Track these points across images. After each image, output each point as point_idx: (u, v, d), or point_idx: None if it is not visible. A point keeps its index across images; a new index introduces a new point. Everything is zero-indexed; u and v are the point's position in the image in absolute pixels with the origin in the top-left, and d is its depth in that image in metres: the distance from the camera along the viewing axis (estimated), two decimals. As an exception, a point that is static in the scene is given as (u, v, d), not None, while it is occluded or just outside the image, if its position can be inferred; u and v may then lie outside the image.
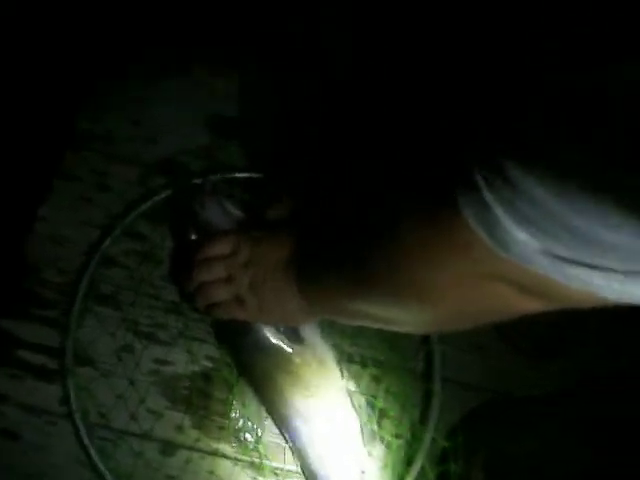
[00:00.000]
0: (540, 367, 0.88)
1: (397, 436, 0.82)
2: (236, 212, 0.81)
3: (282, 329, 0.77)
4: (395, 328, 0.72)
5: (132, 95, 0.89)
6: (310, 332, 0.79)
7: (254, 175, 0.87)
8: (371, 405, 0.81)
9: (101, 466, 0.75)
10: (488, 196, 0.43)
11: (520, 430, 0.85)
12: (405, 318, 0.65)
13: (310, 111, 0.89)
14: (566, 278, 0.42)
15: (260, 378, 0.79)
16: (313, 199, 0.79)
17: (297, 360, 0.77)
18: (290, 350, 0.77)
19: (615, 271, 0.40)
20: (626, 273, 0.40)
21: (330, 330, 0.81)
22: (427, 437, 0.82)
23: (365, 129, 0.84)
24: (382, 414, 0.81)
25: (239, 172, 0.87)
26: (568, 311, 0.53)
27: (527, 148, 0.41)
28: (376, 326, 0.73)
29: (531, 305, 0.51)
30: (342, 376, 0.80)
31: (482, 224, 0.44)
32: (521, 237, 0.42)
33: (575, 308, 0.49)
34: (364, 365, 0.84)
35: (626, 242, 0.37)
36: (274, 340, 0.77)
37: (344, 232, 0.67)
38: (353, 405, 0.80)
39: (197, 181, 0.85)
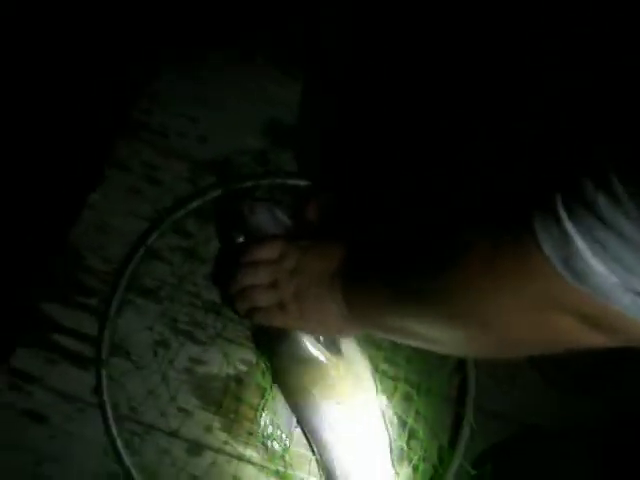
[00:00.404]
0: (573, 403, 0.86)
1: (424, 459, 0.80)
2: (284, 219, 0.80)
3: (321, 339, 0.76)
4: (438, 349, 0.71)
5: (192, 92, 0.88)
6: (348, 345, 0.77)
7: (304, 182, 0.85)
8: (402, 424, 0.79)
9: (126, 460, 0.74)
10: (570, 226, 0.42)
11: (548, 466, 0.83)
12: (456, 341, 0.64)
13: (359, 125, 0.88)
14: None
15: (294, 387, 0.77)
16: (366, 213, 0.78)
17: (333, 372, 0.76)
18: (327, 361, 0.76)
19: None
20: None
21: (366, 343, 0.80)
22: (455, 463, 0.80)
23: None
24: (411, 435, 0.80)
25: (290, 178, 0.85)
26: (606, 349, 0.52)
27: (618, 183, 0.40)
28: (417, 345, 0.72)
29: (595, 339, 0.50)
30: (377, 392, 0.78)
31: (559, 254, 0.43)
32: (600, 270, 0.42)
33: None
34: (397, 382, 0.82)
35: None
36: (312, 350, 0.76)
37: (401, 251, 0.66)
38: (385, 422, 0.78)
39: (248, 184, 0.84)
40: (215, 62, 0.90)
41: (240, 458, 0.78)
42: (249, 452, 0.78)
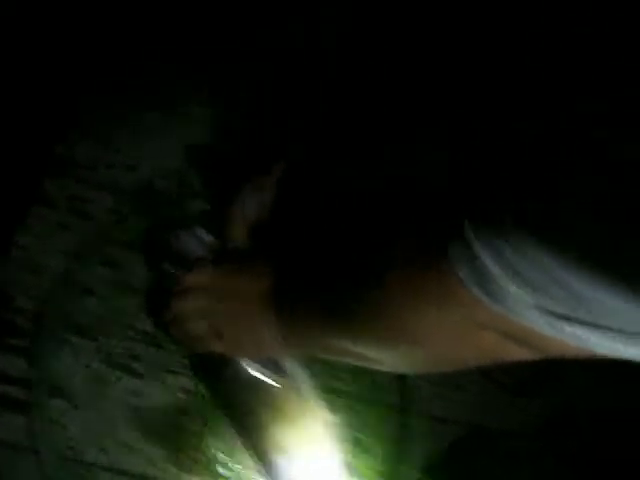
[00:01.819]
0: (520, 403, 0.84)
1: (375, 471, 0.78)
2: (211, 241, 0.78)
3: (262, 362, 0.73)
4: (376, 367, 0.69)
5: (113, 122, 0.85)
6: (292, 365, 0.75)
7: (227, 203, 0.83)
8: (349, 437, 0.77)
9: (70, 501, 0.70)
10: (480, 251, 0.41)
11: (497, 466, 0.82)
12: (388, 360, 0.63)
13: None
14: (559, 333, 0.40)
15: (239, 412, 0.75)
16: (293, 231, 0.76)
17: (279, 393, 0.74)
18: (271, 383, 0.73)
19: (622, 332, 0.37)
20: (633, 335, 0.37)
21: (310, 361, 0.77)
22: (403, 471, 0.78)
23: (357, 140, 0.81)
24: (359, 447, 0.77)
25: (211, 201, 0.83)
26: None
27: (528, 208, 0.39)
28: (355, 363, 0.70)
29: (520, 354, 0.49)
30: (323, 410, 0.76)
31: (473, 277, 0.43)
32: (513, 291, 0.41)
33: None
34: (341, 397, 0.80)
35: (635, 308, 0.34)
36: (255, 373, 0.74)
37: (326, 270, 0.64)
38: (332, 438, 0.76)
39: (173, 210, 0.82)
40: (135, 90, 0.87)
41: (188, 488, 0.75)
42: (196, 481, 0.75)
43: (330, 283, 0.64)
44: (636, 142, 0.32)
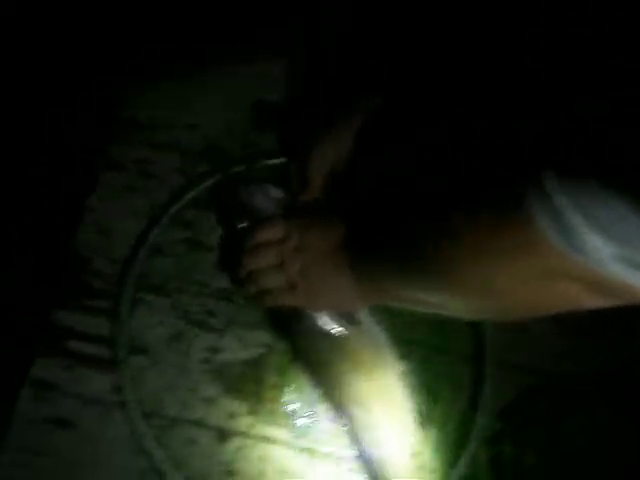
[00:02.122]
0: (589, 347, 0.84)
1: (448, 419, 0.78)
2: (282, 197, 0.78)
3: (337, 314, 0.74)
4: (450, 314, 0.69)
5: (173, 81, 0.85)
6: (365, 316, 0.75)
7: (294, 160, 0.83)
8: (423, 387, 0.77)
9: (156, 455, 0.72)
10: (562, 201, 0.42)
11: (571, 410, 0.82)
12: (464, 308, 0.63)
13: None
14: None
15: (315, 363, 0.76)
16: (367, 183, 0.75)
17: (353, 344, 0.74)
18: (346, 335, 0.74)
19: None
20: None
21: (380, 310, 0.78)
22: (478, 420, 0.78)
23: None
24: (433, 397, 0.78)
25: (280, 157, 0.83)
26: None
27: (609, 158, 0.39)
28: (429, 310, 0.70)
29: (598, 302, 0.50)
30: (395, 359, 0.76)
31: (554, 227, 0.43)
32: (597, 243, 0.41)
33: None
34: (414, 347, 0.80)
35: None
36: (329, 325, 0.74)
37: (404, 222, 0.64)
38: (406, 388, 0.76)
39: (241, 168, 0.82)
40: (197, 48, 0.87)
41: (267, 440, 0.76)
42: (276, 433, 0.77)
43: (408, 235, 0.64)
44: None
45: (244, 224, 0.77)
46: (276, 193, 0.78)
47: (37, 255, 0.79)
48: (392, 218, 0.68)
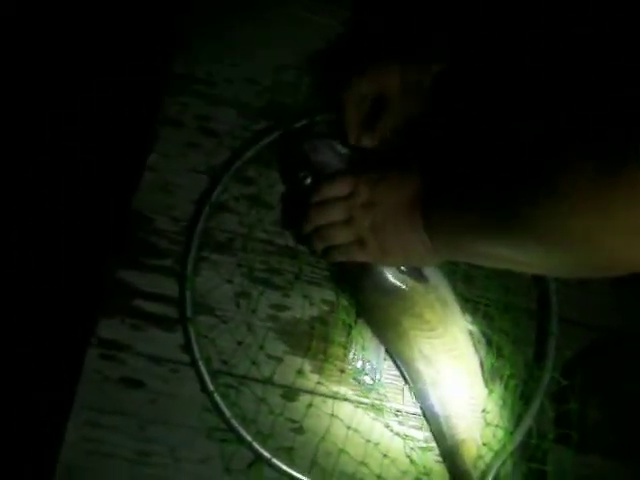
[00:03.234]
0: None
1: (513, 375, 0.78)
2: (349, 153, 0.76)
3: (404, 269, 0.73)
4: (528, 270, 0.68)
5: (228, 36, 0.83)
6: (433, 272, 0.75)
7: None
8: (490, 343, 0.77)
9: (226, 412, 0.72)
10: None
11: (634, 366, 0.81)
12: (552, 264, 0.62)
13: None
14: None
15: (382, 320, 0.75)
16: (440, 136, 0.74)
17: (420, 301, 0.74)
18: (413, 290, 0.73)
19: None
20: None
21: (443, 265, 0.77)
22: (545, 376, 0.78)
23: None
24: (499, 353, 0.78)
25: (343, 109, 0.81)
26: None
27: None
28: (504, 267, 0.69)
29: None
30: (461, 315, 0.76)
31: None
32: None
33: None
34: (479, 303, 0.80)
35: None
36: (396, 281, 0.73)
37: (490, 174, 0.62)
38: (474, 344, 0.76)
39: (303, 122, 0.80)
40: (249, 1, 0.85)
41: (335, 397, 0.76)
42: (343, 390, 0.77)
43: (493, 188, 0.62)
44: None
45: (308, 180, 0.75)
46: (341, 147, 0.76)
47: (101, 215, 0.78)
48: (475, 169, 0.66)
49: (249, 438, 0.73)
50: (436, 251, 0.68)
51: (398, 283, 0.73)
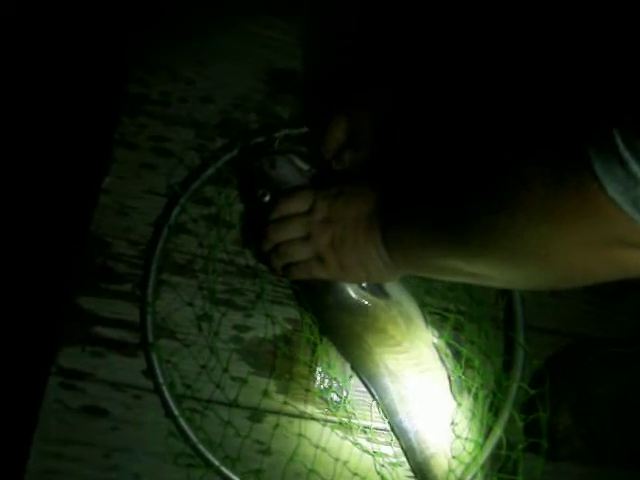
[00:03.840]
0: (616, 308, 0.84)
1: (483, 386, 0.78)
2: (306, 167, 0.76)
3: (366, 286, 0.73)
4: (487, 284, 0.68)
5: (183, 54, 0.82)
6: (394, 287, 0.74)
7: (316, 129, 0.81)
8: (456, 355, 0.77)
9: (193, 437, 0.72)
10: (637, 169, 0.39)
11: (604, 372, 0.82)
12: (510, 278, 0.61)
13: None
14: None
15: (346, 337, 0.75)
16: (397, 151, 0.73)
17: (383, 316, 0.73)
18: (375, 306, 0.73)
19: None
20: None
21: (408, 280, 0.77)
22: (513, 386, 0.78)
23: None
24: (466, 364, 0.77)
25: (301, 127, 0.80)
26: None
27: None
28: (464, 282, 0.69)
29: None
30: (427, 328, 0.76)
31: (627, 196, 0.41)
32: None
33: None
34: (445, 314, 0.79)
35: None
36: (358, 298, 0.73)
37: (446, 189, 0.62)
38: (440, 357, 0.76)
39: (260, 139, 0.79)
40: (202, 18, 0.84)
41: (302, 416, 0.76)
42: (310, 408, 0.76)
43: (448, 201, 0.62)
44: None
45: (267, 197, 0.75)
46: (300, 163, 0.75)
47: (57, 242, 0.77)
48: (429, 182, 0.66)
49: (216, 462, 0.72)
50: (395, 266, 0.68)
51: (360, 299, 0.73)
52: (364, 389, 0.77)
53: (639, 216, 0.42)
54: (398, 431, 0.76)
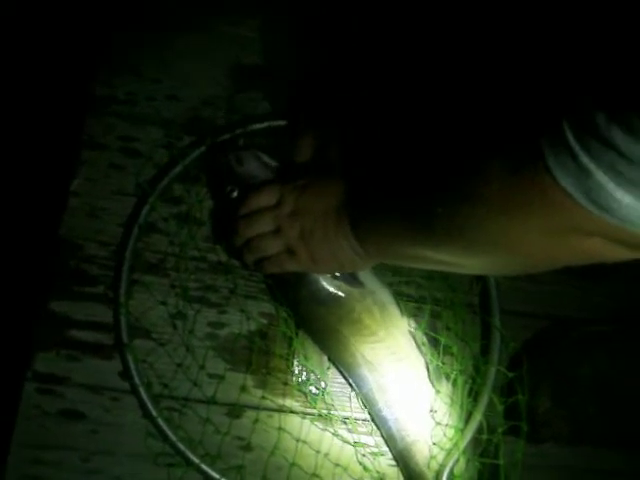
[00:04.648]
0: (593, 288, 0.84)
1: (461, 372, 0.78)
2: (273, 162, 0.76)
3: (339, 276, 0.73)
4: (456, 271, 0.69)
5: (148, 52, 0.82)
6: (368, 276, 0.74)
7: (282, 122, 0.81)
8: (433, 343, 0.77)
9: (172, 436, 0.72)
10: (588, 161, 0.40)
11: (582, 353, 0.82)
12: (473, 265, 0.62)
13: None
14: None
15: (321, 329, 0.75)
16: (363, 143, 0.74)
17: (357, 306, 0.74)
18: (350, 296, 0.73)
19: None
20: None
21: (383, 269, 0.77)
22: (491, 370, 0.78)
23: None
24: (444, 351, 0.78)
25: (267, 121, 0.81)
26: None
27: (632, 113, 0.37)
28: (435, 269, 0.70)
29: (621, 254, 0.48)
30: (403, 317, 0.76)
31: (580, 188, 0.42)
32: (626, 201, 0.40)
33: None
34: (422, 303, 0.80)
35: None
36: (332, 289, 0.73)
37: (412, 180, 0.62)
38: (417, 345, 0.76)
39: (227, 135, 0.79)
40: (166, 16, 0.84)
41: (281, 410, 0.76)
42: (289, 402, 0.76)
43: (413, 190, 0.62)
44: None
45: (235, 193, 0.75)
46: (267, 158, 0.76)
47: (28, 247, 0.77)
48: (395, 173, 0.66)
49: (197, 460, 0.72)
50: (367, 255, 0.68)
51: (333, 290, 0.73)
52: (342, 380, 0.77)
53: (593, 207, 0.42)
54: (378, 420, 0.76)
